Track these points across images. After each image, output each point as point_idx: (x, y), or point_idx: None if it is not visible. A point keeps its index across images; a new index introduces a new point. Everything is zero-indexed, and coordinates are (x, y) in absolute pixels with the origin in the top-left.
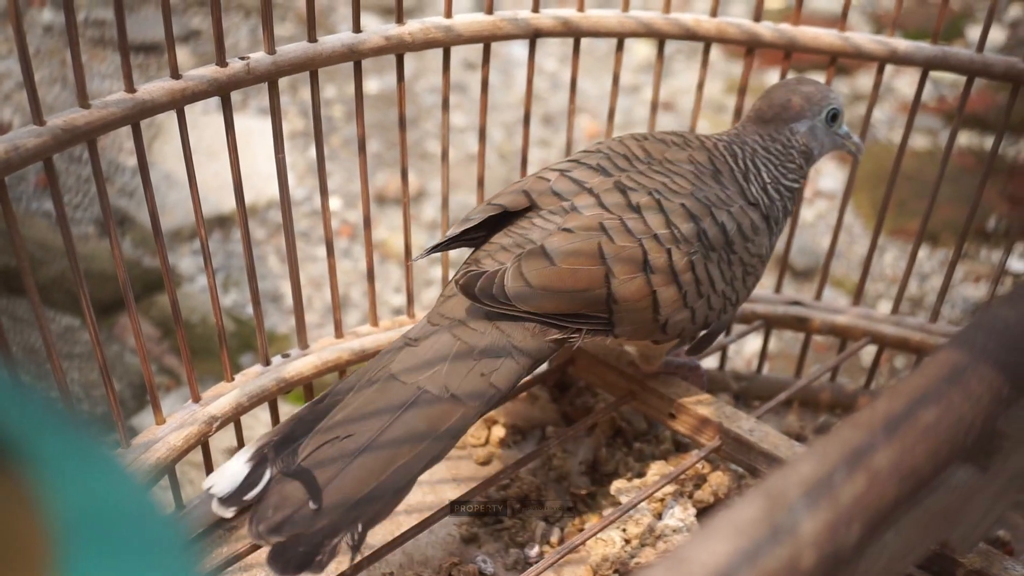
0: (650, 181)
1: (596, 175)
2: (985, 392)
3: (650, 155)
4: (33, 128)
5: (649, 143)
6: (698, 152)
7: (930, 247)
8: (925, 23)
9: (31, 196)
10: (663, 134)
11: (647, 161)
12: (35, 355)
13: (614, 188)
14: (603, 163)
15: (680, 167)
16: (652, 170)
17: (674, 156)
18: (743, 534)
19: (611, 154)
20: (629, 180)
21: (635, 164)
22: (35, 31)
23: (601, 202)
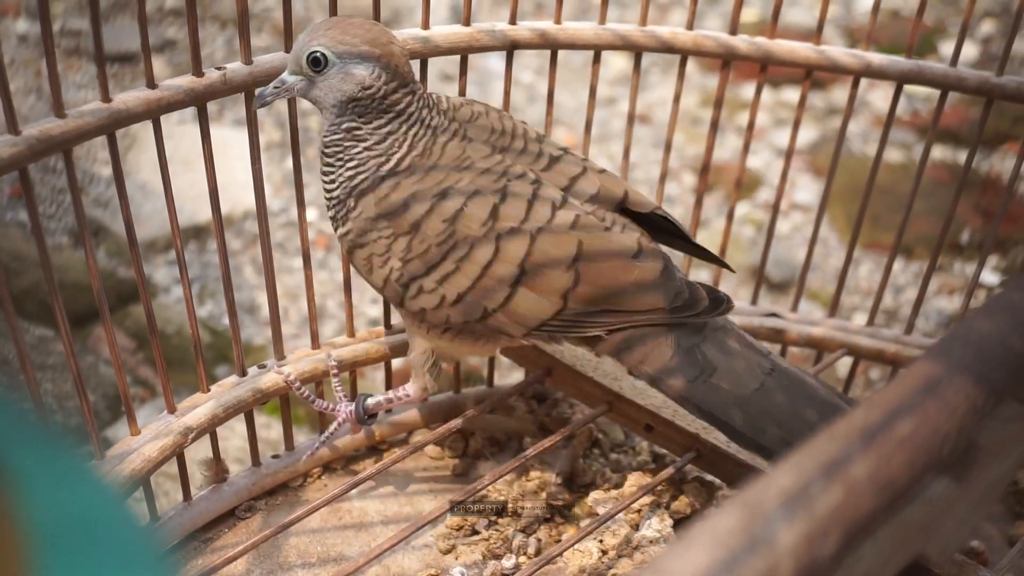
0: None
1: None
2: (961, 403)
3: (492, 155)
4: (8, 138)
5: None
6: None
7: (905, 260)
8: (899, 38)
9: (5, 206)
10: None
11: (503, 156)
12: (8, 366)
13: (557, 168)
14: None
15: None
16: (515, 154)
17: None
18: (720, 545)
19: (508, 178)
20: (540, 162)
21: (515, 168)
22: (10, 41)
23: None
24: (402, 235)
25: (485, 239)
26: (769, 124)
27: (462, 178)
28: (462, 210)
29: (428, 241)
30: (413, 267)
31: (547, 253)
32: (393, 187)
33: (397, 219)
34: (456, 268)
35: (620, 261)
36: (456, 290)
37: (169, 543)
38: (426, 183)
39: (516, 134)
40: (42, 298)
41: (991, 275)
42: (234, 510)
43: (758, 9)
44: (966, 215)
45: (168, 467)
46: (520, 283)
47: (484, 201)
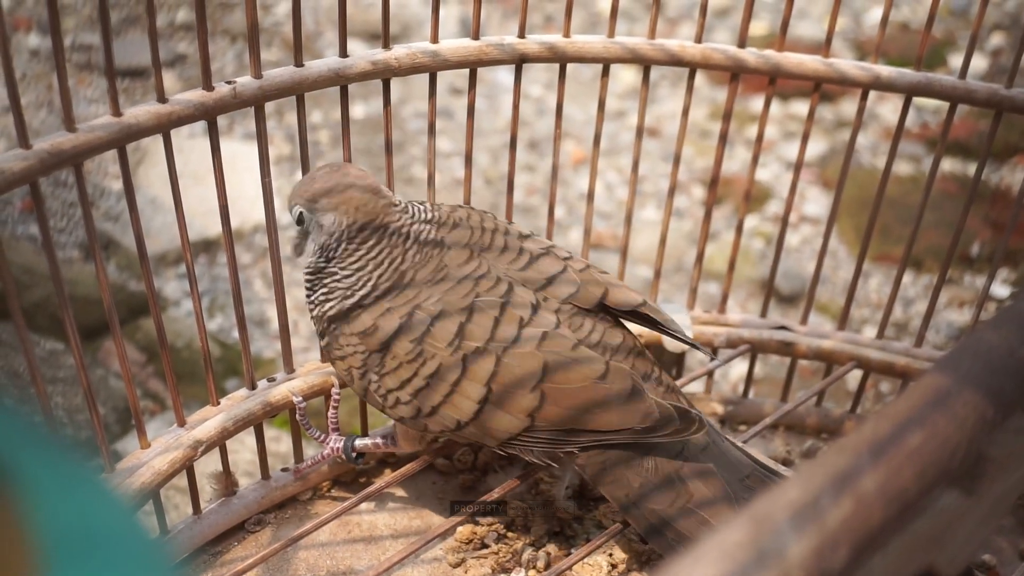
0: (510, 256)
1: (523, 294)
2: (970, 416)
3: (467, 261)
4: (19, 152)
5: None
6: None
7: (914, 273)
8: (908, 50)
9: (16, 220)
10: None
11: (479, 259)
12: (19, 379)
13: (532, 269)
14: (495, 294)
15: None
16: (493, 256)
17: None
18: (729, 558)
19: (478, 288)
20: (517, 264)
21: (488, 271)
22: (21, 55)
23: (552, 275)
24: (375, 352)
25: (452, 359)
26: (778, 137)
27: (432, 295)
28: (428, 331)
29: (399, 359)
30: (388, 381)
31: (512, 373)
32: (363, 308)
33: (369, 338)
34: (427, 384)
35: (586, 382)
36: (430, 404)
37: (179, 556)
38: (397, 301)
39: (497, 233)
40: (53, 311)
41: (1001, 288)
42: (244, 523)
43: (767, 22)
44: (976, 227)
45: (178, 480)
46: (488, 401)
47: (450, 321)
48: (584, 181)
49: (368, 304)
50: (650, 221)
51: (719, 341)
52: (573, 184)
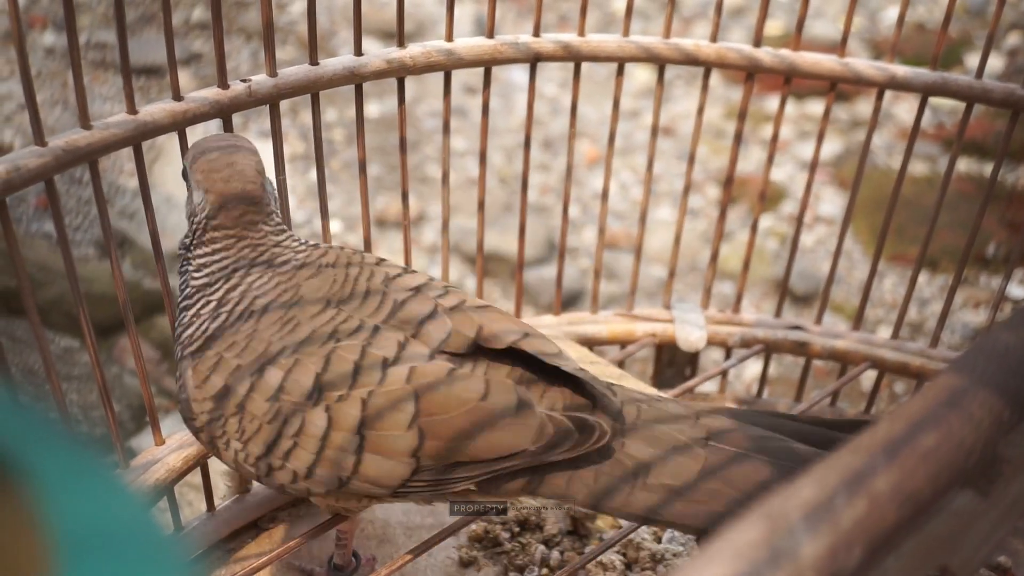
0: (373, 303)
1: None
2: (985, 417)
3: (325, 311)
4: (35, 149)
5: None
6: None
7: (930, 273)
8: (923, 50)
9: (31, 217)
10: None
11: (336, 310)
12: (34, 376)
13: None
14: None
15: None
16: (354, 306)
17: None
18: (743, 557)
19: (338, 337)
20: (381, 311)
21: (353, 321)
22: (37, 53)
23: (422, 319)
24: (231, 416)
25: (315, 411)
26: (793, 136)
27: (283, 347)
28: (283, 386)
29: (257, 420)
30: (253, 448)
31: (383, 416)
32: (211, 367)
33: (223, 401)
34: (295, 444)
35: (466, 407)
36: (304, 465)
37: (193, 553)
38: (245, 357)
39: (359, 282)
40: (68, 309)
41: (1017, 288)
42: (257, 521)
43: (782, 21)
44: (992, 228)
45: (192, 477)
46: (363, 449)
47: (305, 372)
48: (598, 180)
49: (216, 351)
50: (664, 221)
51: (733, 341)
52: (587, 183)
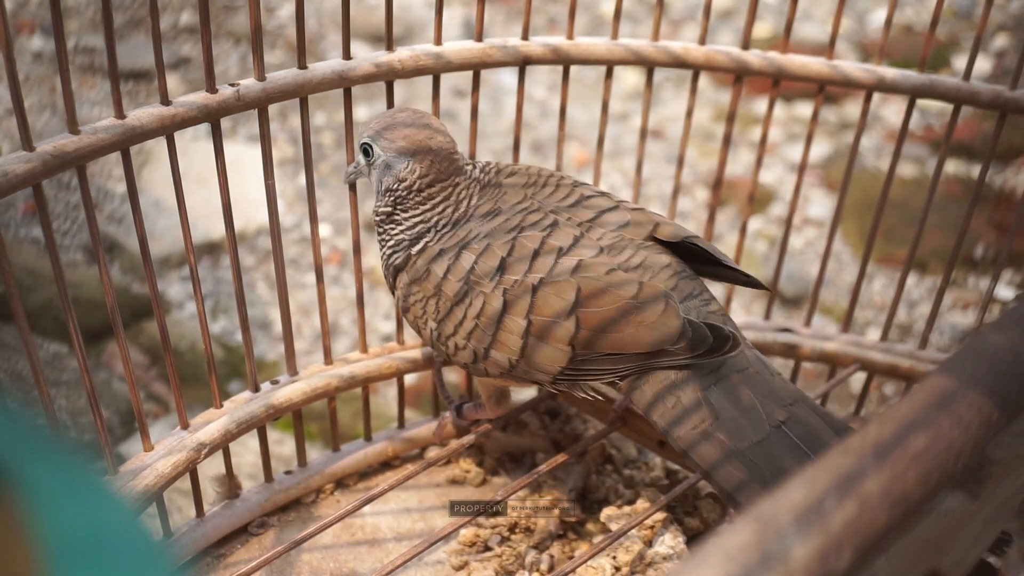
0: (561, 194)
1: (566, 229)
2: (975, 418)
3: (520, 202)
4: (22, 154)
5: (498, 206)
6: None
7: (918, 274)
8: (911, 52)
9: (19, 222)
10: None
11: (531, 200)
12: (23, 382)
13: (580, 208)
14: (537, 228)
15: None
16: (545, 196)
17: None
18: (733, 560)
19: (521, 223)
20: (566, 204)
21: (537, 207)
22: (24, 57)
23: (602, 210)
24: (430, 297)
25: (494, 294)
26: (782, 139)
27: (479, 232)
28: (473, 268)
29: (449, 301)
30: (445, 327)
31: (548, 303)
32: (419, 254)
33: (424, 283)
34: (475, 325)
35: (619, 303)
36: (482, 345)
37: (182, 559)
38: (448, 243)
39: (553, 177)
40: (56, 314)
41: (1005, 289)
42: (247, 526)
43: (770, 24)
44: (980, 229)
45: (181, 483)
46: (530, 334)
47: (491, 257)
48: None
49: (427, 247)
50: None
51: None
52: None
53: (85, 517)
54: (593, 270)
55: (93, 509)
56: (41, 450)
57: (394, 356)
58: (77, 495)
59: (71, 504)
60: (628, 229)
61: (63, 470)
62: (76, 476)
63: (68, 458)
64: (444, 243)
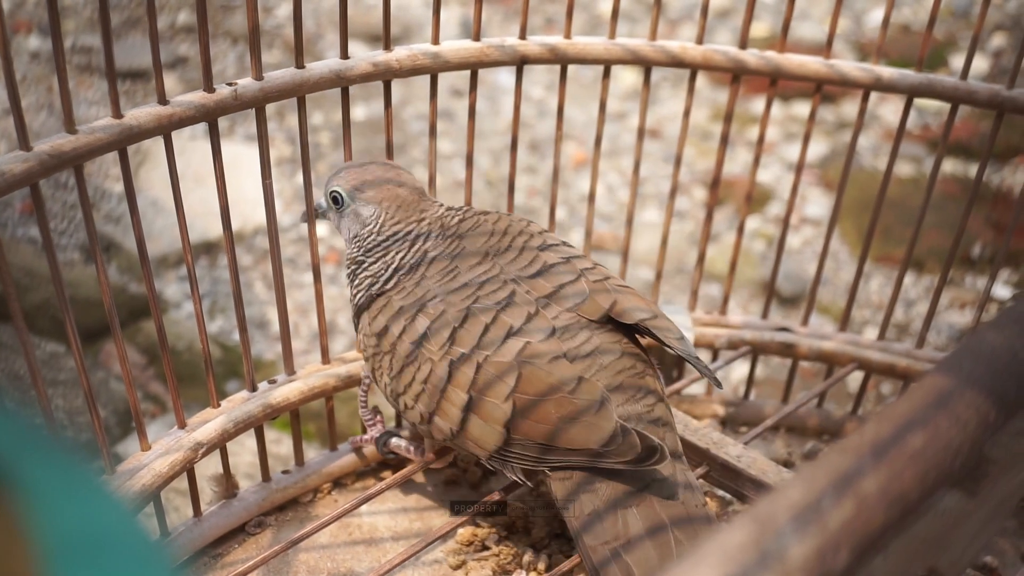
0: (523, 261)
1: (533, 313)
2: (972, 417)
3: (481, 264)
4: (19, 153)
5: (458, 266)
6: (499, 223)
7: (916, 274)
8: (909, 51)
9: (16, 222)
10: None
11: (491, 264)
12: (20, 381)
13: (540, 279)
14: (513, 299)
15: (487, 253)
16: (507, 261)
17: (470, 259)
18: (731, 560)
19: (478, 294)
20: (526, 273)
21: (517, 287)
22: (22, 57)
23: (562, 284)
24: (386, 354)
25: (441, 364)
26: (779, 138)
27: (436, 295)
28: (426, 333)
29: (401, 361)
30: (396, 384)
31: (489, 383)
32: (380, 308)
33: (382, 339)
34: (423, 389)
35: (555, 397)
36: (428, 410)
37: (179, 559)
38: (408, 299)
39: (516, 238)
40: (53, 314)
41: (1003, 288)
42: (244, 526)
43: (768, 23)
44: (977, 229)
45: (178, 482)
46: (470, 409)
47: (445, 326)
48: (585, 183)
49: (387, 291)
50: (651, 223)
51: (720, 343)
52: (574, 186)
53: (82, 517)
54: (539, 357)
55: (90, 509)
56: (38, 450)
57: None
58: (74, 495)
59: (68, 504)
60: (586, 305)
61: (60, 470)
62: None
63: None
64: (404, 299)
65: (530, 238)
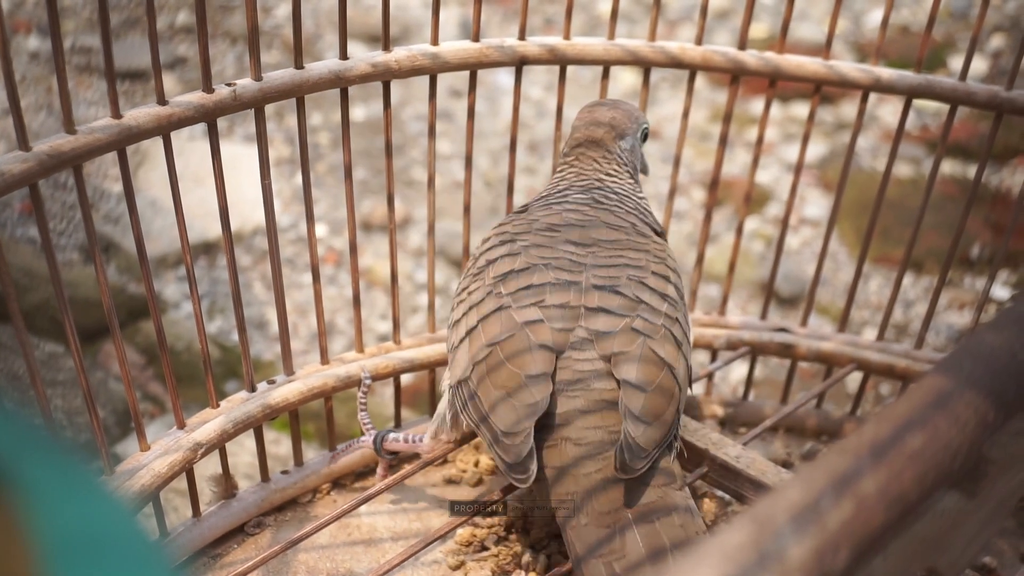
0: (613, 268)
1: (566, 290)
2: (971, 417)
3: (580, 244)
4: (19, 154)
5: (563, 233)
6: (604, 214)
7: (914, 274)
8: (908, 52)
9: (15, 222)
10: (554, 211)
11: (587, 251)
12: (19, 382)
13: (598, 290)
14: (558, 275)
15: (617, 242)
16: (600, 256)
17: (600, 234)
18: (730, 560)
19: (548, 259)
20: (599, 278)
21: (582, 260)
22: (21, 57)
23: (607, 310)
24: (475, 256)
25: (484, 288)
26: (778, 139)
27: (527, 241)
28: (495, 260)
29: (471, 271)
30: (460, 285)
31: (488, 327)
32: (501, 221)
33: (482, 244)
34: (463, 300)
35: (509, 376)
36: (454, 318)
37: (178, 559)
38: (514, 228)
39: (633, 253)
40: (52, 314)
41: (1002, 289)
42: (243, 526)
43: (767, 24)
44: (976, 229)
45: (177, 483)
46: (468, 335)
47: (511, 263)
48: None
49: (522, 211)
50: None
51: (719, 343)
52: None
53: (82, 517)
54: (521, 333)
55: (90, 509)
56: (37, 450)
57: (390, 356)
58: (74, 495)
59: (68, 504)
60: (603, 341)
61: (59, 470)
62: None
63: (64, 458)
64: (514, 226)
65: (627, 249)
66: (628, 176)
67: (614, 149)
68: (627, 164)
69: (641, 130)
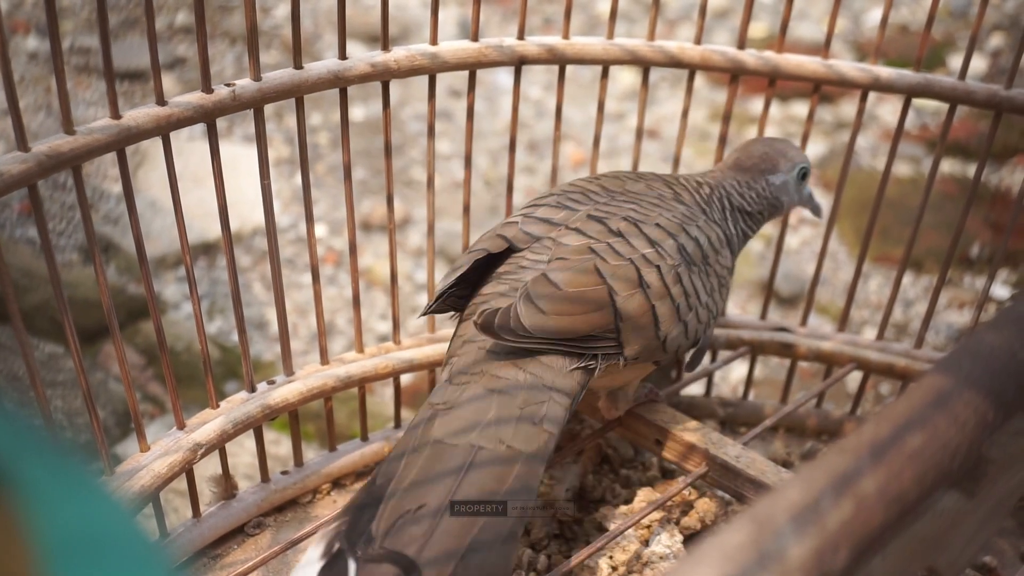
0: (619, 209)
1: (561, 211)
2: (971, 417)
3: (608, 190)
4: (17, 154)
5: (604, 180)
6: (655, 182)
7: (914, 274)
8: (907, 51)
9: (15, 223)
10: (619, 173)
11: (608, 195)
12: (18, 382)
13: (588, 219)
14: (563, 201)
15: (642, 196)
16: (616, 200)
17: (633, 187)
18: (730, 560)
19: (569, 192)
20: (598, 211)
21: (596, 198)
22: (20, 58)
23: (582, 231)
24: None
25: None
26: None
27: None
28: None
29: None
30: None
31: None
32: None
33: None
34: None
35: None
36: None
37: (178, 559)
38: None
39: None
40: (52, 315)
41: (1001, 289)
42: (243, 526)
43: (766, 23)
44: (976, 229)
45: (177, 483)
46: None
47: (547, 197)
48: None
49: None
50: None
51: (719, 343)
52: None
53: (82, 517)
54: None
55: (89, 509)
56: (37, 451)
57: (390, 356)
58: (73, 495)
59: (67, 504)
60: (559, 251)
61: (59, 471)
62: (72, 476)
63: (64, 459)
64: None
65: (648, 217)
66: (754, 206)
67: (759, 180)
68: (765, 196)
69: (797, 169)
